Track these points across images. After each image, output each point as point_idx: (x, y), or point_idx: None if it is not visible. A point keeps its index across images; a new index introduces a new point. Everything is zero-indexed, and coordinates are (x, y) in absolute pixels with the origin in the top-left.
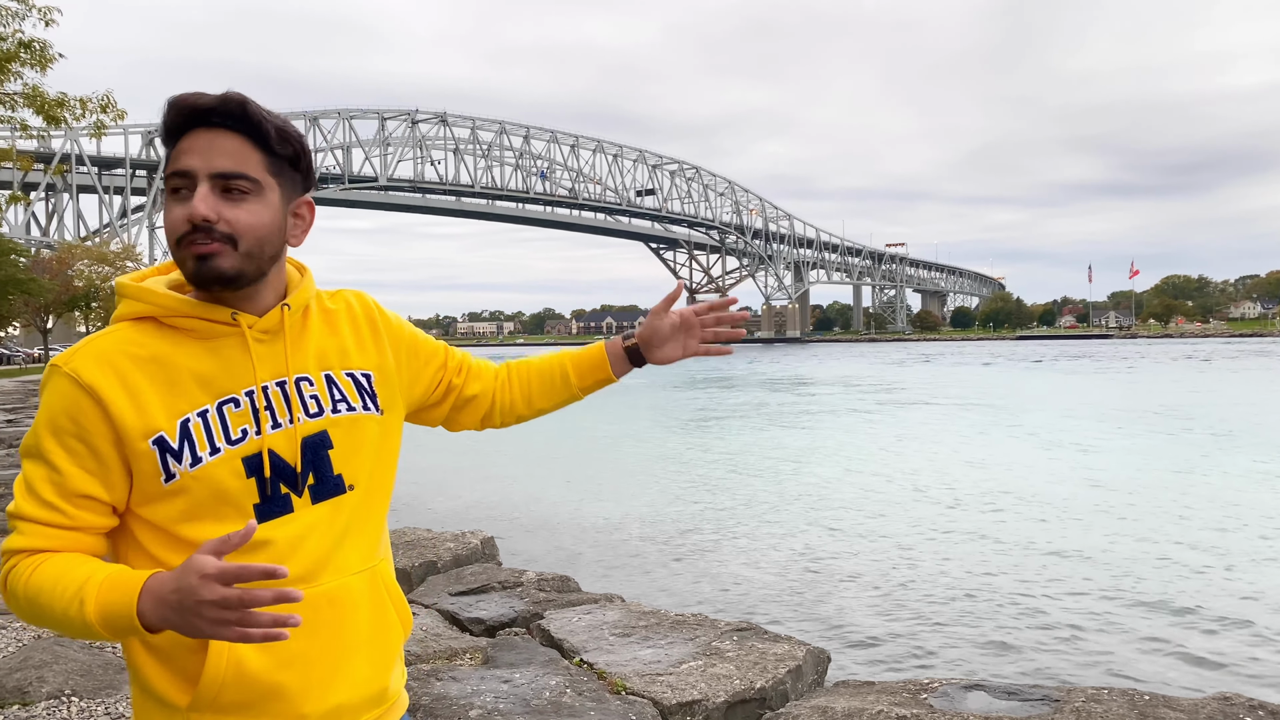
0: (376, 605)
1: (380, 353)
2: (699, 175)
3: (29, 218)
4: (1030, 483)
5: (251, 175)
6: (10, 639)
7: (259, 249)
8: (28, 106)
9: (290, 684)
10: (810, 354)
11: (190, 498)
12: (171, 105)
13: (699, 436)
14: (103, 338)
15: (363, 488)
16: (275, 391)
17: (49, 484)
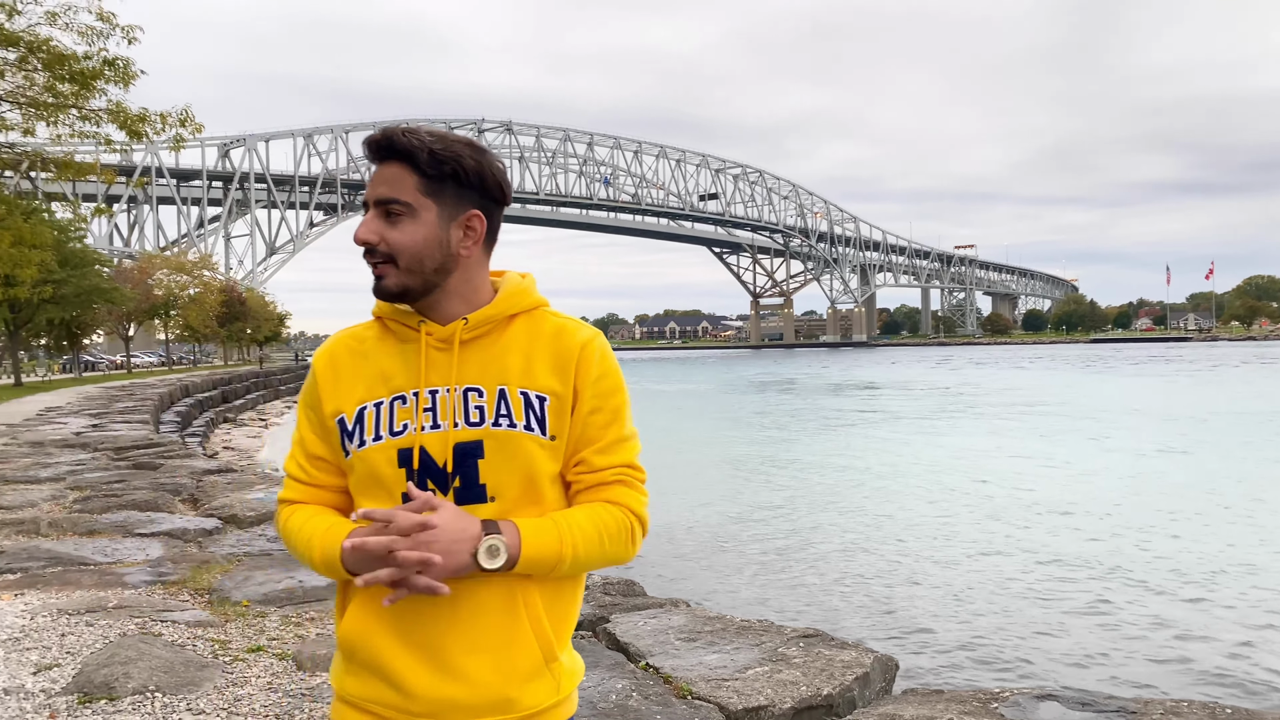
0: (510, 618)
1: (564, 385)
2: (762, 179)
3: (112, 229)
4: (1104, 489)
5: (403, 199)
6: (98, 635)
7: (418, 264)
8: (111, 122)
9: (406, 664)
10: (877, 358)
11: (356, 475)
12: (365, 143)
13: (763, 441)
14: (343, 331)
15: (506, 501)
16: (443, 396)
17: (298, 446)
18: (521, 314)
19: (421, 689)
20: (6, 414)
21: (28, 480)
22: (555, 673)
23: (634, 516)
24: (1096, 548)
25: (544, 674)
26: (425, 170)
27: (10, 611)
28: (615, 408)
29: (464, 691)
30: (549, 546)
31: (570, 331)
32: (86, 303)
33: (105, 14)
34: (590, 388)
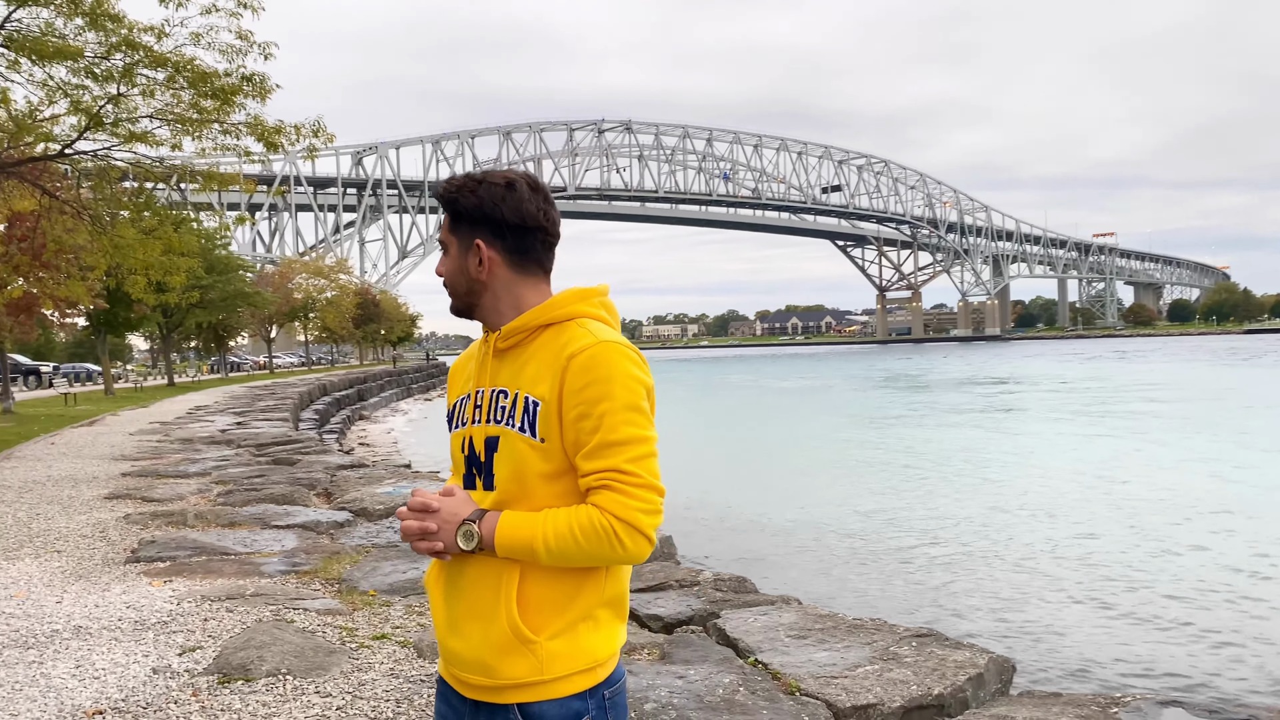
0: (493, 595)
1: (551, 392)
2: (888, 169)
3: (254, 236)
4: (1240, 491)
5: (441, 239)
6: (236, 621)
7: (454, 289)
8: (250, 134)
9: (440, 619)
10: (1011, 352)
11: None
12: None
13: (884, 437)
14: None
15: (503, 493)
16: (485, 395)
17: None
18: (553, 325)
19: (444, 635)
20: (160, 413)
21: (177, 475)
22: (536, 653)
23: (613, 519)
24: (1233, 549)
25: (520, 652)
26: (453, 209)
27: (160, 597)
28: (601, 414)
29: (461, 647)
30: (521, 537)
31: (568, 342)
32: (232, 306)
33: (244, 33)
34: (573, 396)
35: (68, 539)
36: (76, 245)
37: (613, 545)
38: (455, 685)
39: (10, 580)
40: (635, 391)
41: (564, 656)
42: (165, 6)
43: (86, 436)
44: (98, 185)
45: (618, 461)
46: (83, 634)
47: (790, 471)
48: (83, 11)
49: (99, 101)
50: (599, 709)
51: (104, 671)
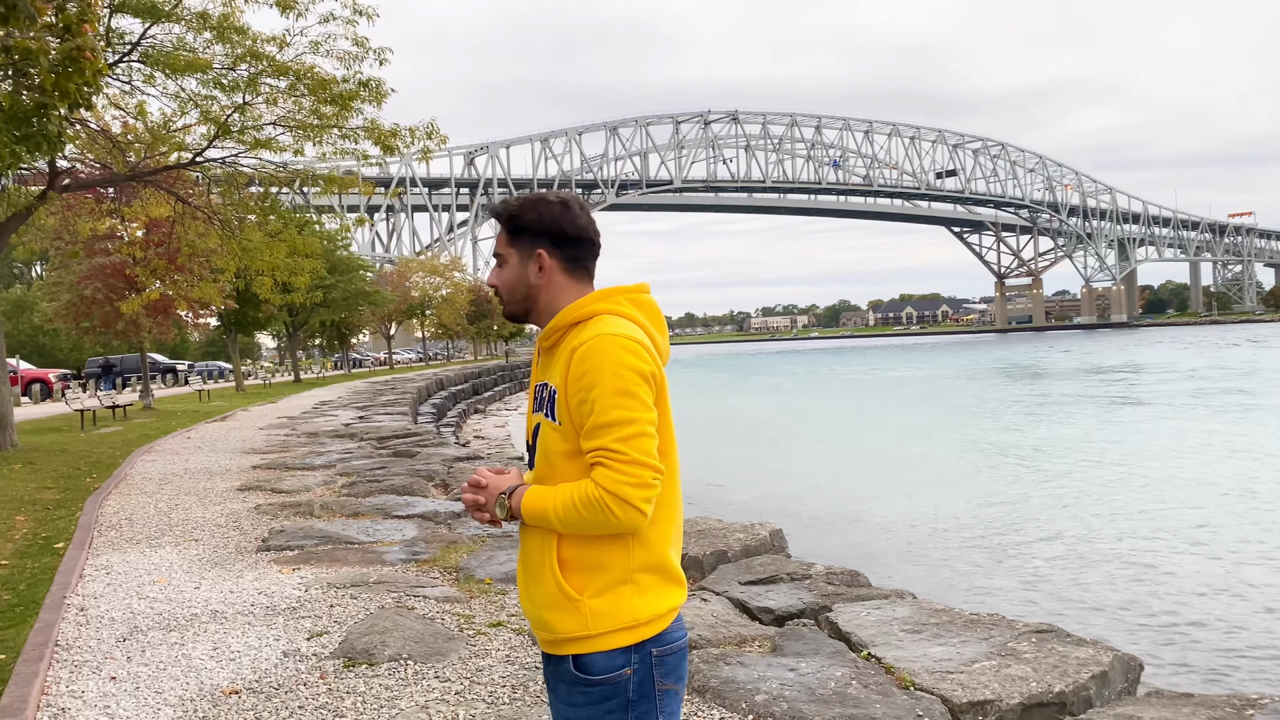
0: (539, 560)
1: (563, 380)
2: (1005, 152)
3: (373, 236)
4: None
5: (499, 251)
6: (360, 608)
7: (510, 296)
8: (367, 139)
9: (519, 584)
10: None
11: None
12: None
13: (999, 429)
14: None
15: (537, 471)
16: (538, 388)
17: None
18: (579, 323)
19: (520, 599)
20: (287, 408)
21: (304, 467)
22: (580, 611)
23: (604, 492)
24: None
25: (567, 608)
26: (507, 226)
27: (289, 584)
28: (593, 399)
29: (527, 606)
30: (539, 507)
31: (575, 336)
32: (353, 305)
33: (360, 39)
34: (574, 384)
35: (204, 528)
36: (208, 249)
37: (607, 515)
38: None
39: (153, 566)
40: (625, 378)
41: (606, 615)
42: (286, 17)
43: (219, 431)
44: (226, 191)
45: (607, 441)
46: (219, 618)
47: (901, 464)
48: (211, 25)
49: (226, 111)
50: (643, 664)
51: (239, 654)
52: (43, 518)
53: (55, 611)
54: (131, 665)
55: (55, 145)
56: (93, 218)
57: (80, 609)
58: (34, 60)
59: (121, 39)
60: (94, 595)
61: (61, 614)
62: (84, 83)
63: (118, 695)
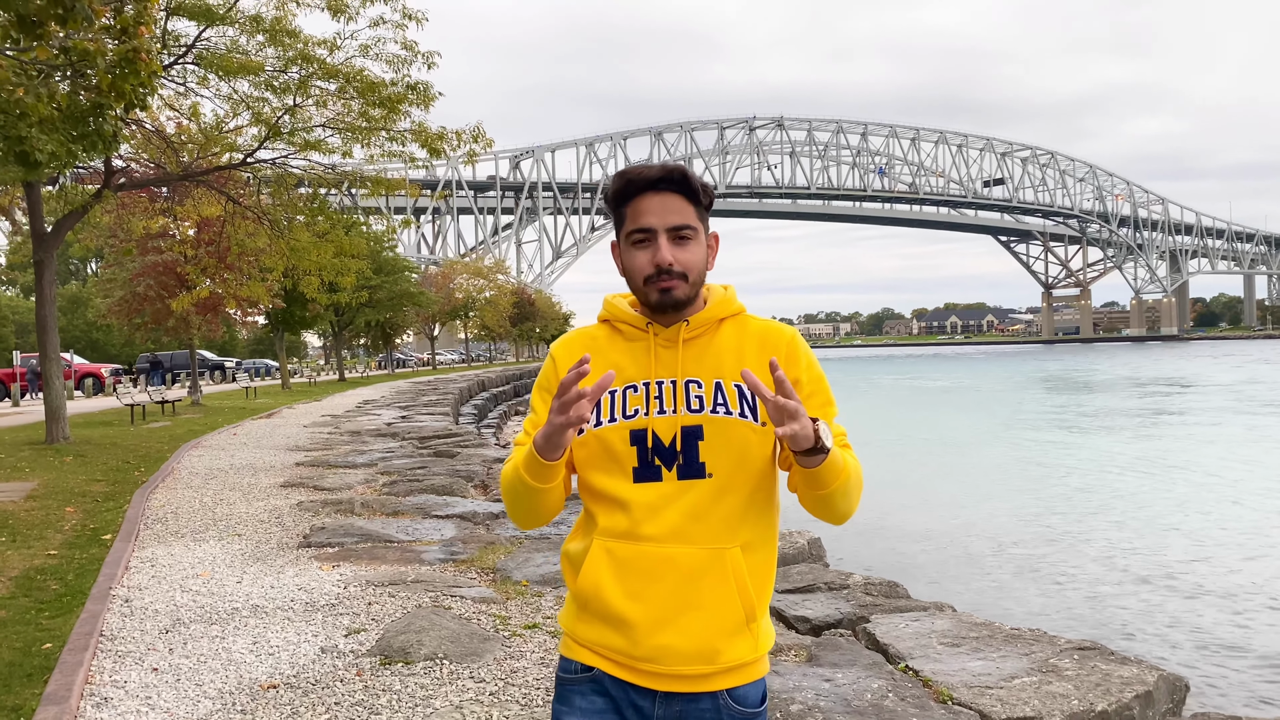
0: (720, 581)
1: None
2: (1054, 161)
3: (419, 238)
4: None
5: (692, 224)
6: (397, 606)
7: (700, 279)
8: (415, 141)
9: (632, 614)
10: (1190, 353)
11: (589, 450)
12: (627, 178)
13: (1043, 442)
14: (577, 330)
15: (721, 478)
16: (668, 387)
17: (530, 423)
18: (729, 318)
19: (645, 636)
20: (331, 406)
21: (346, 465)
22: (754, 632)
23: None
24: None
25: (744, 632)
26: (702, 201)
27: (329, 580)
28: (826, 389)
29: (679, 640)
30: (841, 460)
31: (776, 331)
32: (398, 306)
33: (409, 43)
34: (805, 373)
35: (247, 523)
36: (257, 248)
37: (859, 497)
38: (645, 681)
39: (197, 560)
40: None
41: (767, 634)
42: (337, 20)
43: (265, 428)
44: (276, 191)
45: (844, 429)
46: (259, 612)
47: (941, 475)
48: (264, 29)
49: (277, 113)
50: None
51: (278, 648)
52: (92, 509)
53: (101, 602)
54: (173, 657)
55: (111, 145)
56: (146, 216)
57: (125, 600)
58: (91, 61)
59: (177, 41)
60: (139, 587)
61: (107, 605)
62: (139, 84)
63: (159, 686)
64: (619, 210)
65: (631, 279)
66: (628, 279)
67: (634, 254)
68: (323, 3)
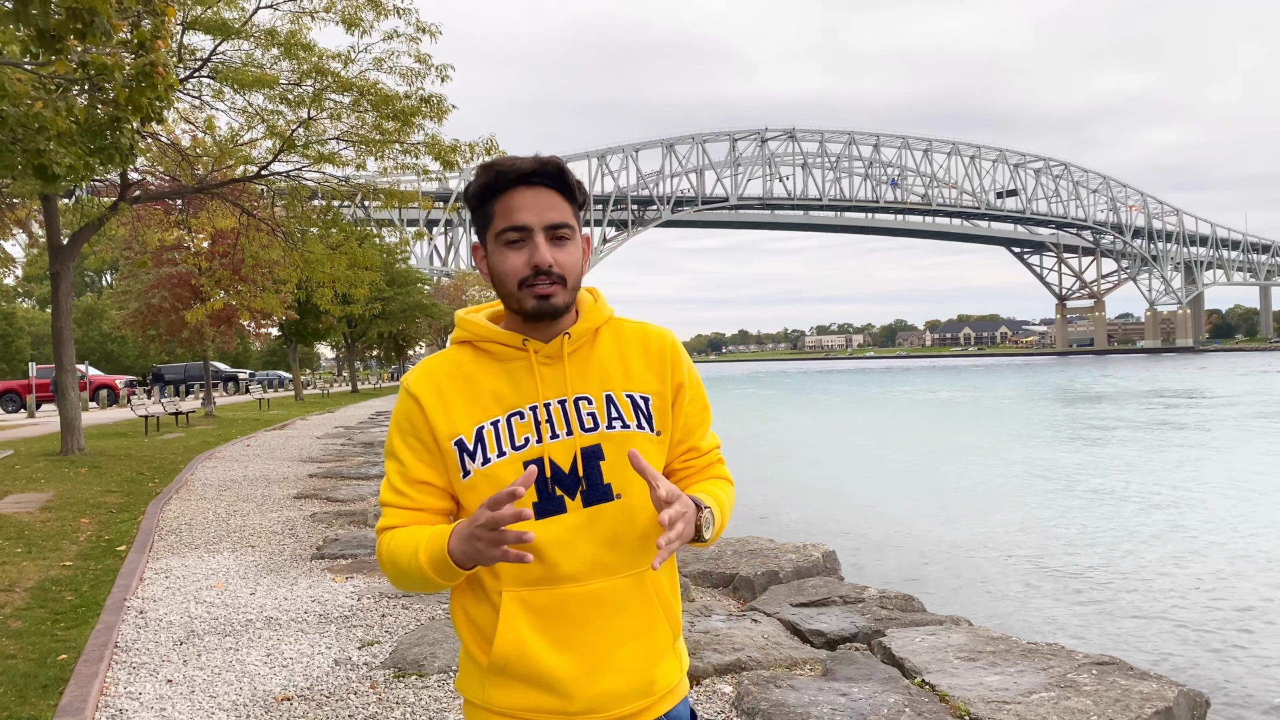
0: (645, 606)
1: (661, 383)
2: (1068, 172)
3: (431, 250)
4: None
5: (570, 223)
6: (411, 619)
7: (577, 284)
8: (428, 154)
9: (563, 668)
10: (1206, 364)
11: (480, 492)
12: (496, 170)
13: (1058, 453)
14: (433, 358)
15: (630, 497)
16: (556, 408)
17: (398, 475)
18: (603, 325)
19: (580, 688)
20: (344, 418)
21: (359, 477)
22: (678, 651)
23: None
24: None
25: (671, 653)
26: (578, 199)
27: (342, 592)
28: (705, 394)
29: (618, 682)
30: (725, 515)
31: (655, 334)
32: (410, 317)
33: (423, 56)
34: (687, 378)
35: (260, 535)
36: (271, 260)
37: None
38: None
39: (211, 571)
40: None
41: (683, 650)
42: (351, 34)
43: (278, 439)
44: (290, 204)
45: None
46: (273, 624)
47: (955, 487)
48: (279, 42)
49: (292, 126)
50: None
51: (291, 660)
52: (106, 521)
53: (116, 613)
54: (187, 669)
55: (127, 158)
56: (161, 228)
57: (140, 612)
58: (109, 75)
59: (193, 55)
60: (153, 598)
61: (121, 616)
62: (156, 97)
63: (173, 698)
64: (485, 207)
65: (502, 283)
66: (497, 284)
67: (506, 255)
68: (337, 16)
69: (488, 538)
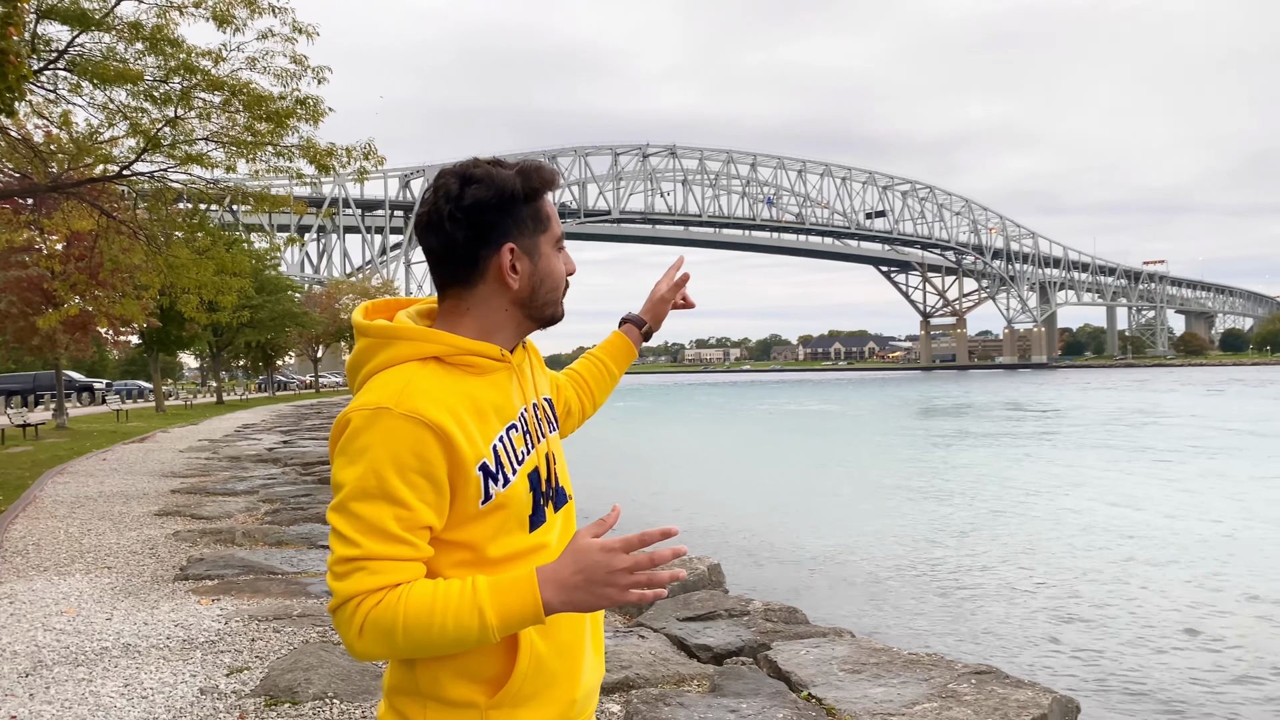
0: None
1: (552, 388)
2: (933, 194)
3: (303, 257)
4: None
5: (561, 235)
6: (283, 643)
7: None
8: (303, 157)
9: (562, 671)
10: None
11: (501, 515)
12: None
13: (929, 465)
14: (420, 379)
15: (571, 502)
16: (530, 414)
17: (395, 520)
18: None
19: (576, 690)
20: (209, 430)
21: (225, 493)
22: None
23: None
24: None
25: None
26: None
27: (208, 616)
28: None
29: (594, 677)
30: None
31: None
32: (280, 326)
33: (298, 57)
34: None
35: (118, 555)
36: (132, 264)
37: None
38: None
39: (61, 596)
40: None
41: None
42: (223, 31)
43: (137, 453)
44: (153, 206)
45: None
46: (131, 652)
47: (832, 498)
48: (143, 36)
49: (157, 124)
50: None
51: (152, 691)
52: None
53: None
54: (34, 703)
55: None
56: (9, 229)
57: None
58: None
59: (48, 45)
60: None
61: None
62: (6, 88)
63: None
64: (534, 205)
65: (550, 288)
66: (544, 288)
67: (557, 259)
68: (208, 12)
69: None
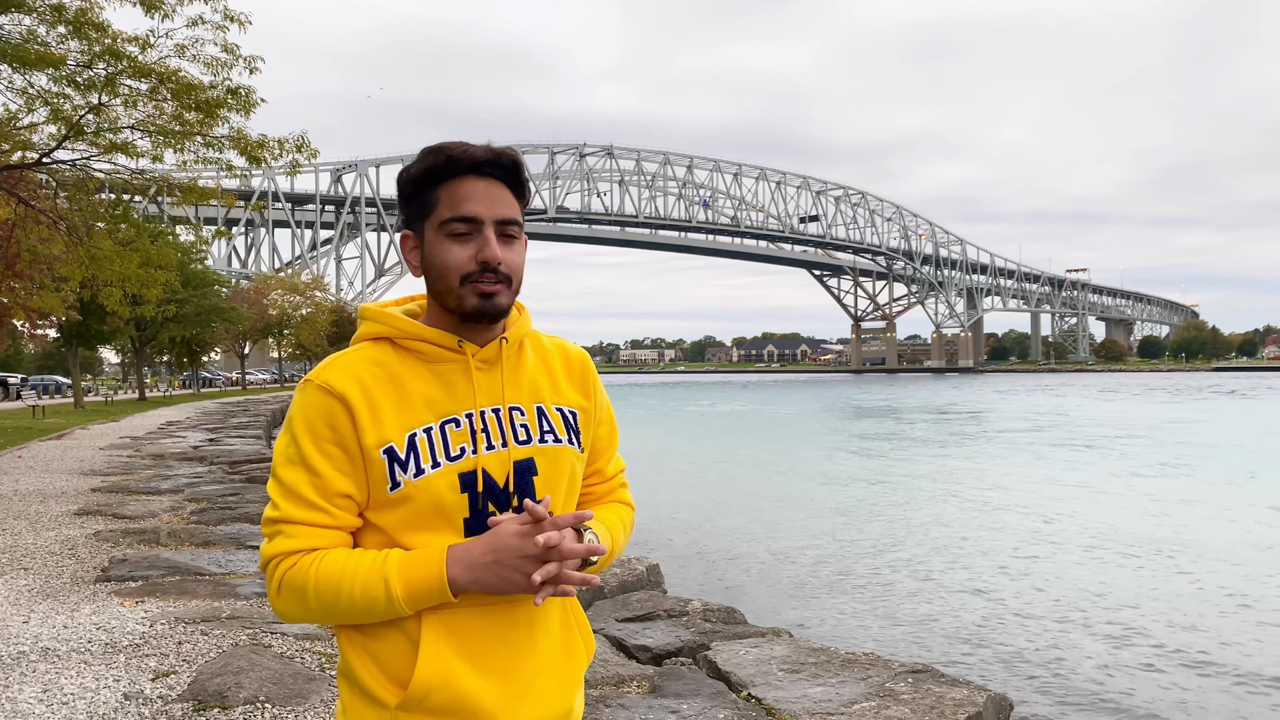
0: (566, 629)
1: (587, 400)
2: (865, 200)
3: (230, 251)
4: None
5: (519, 222)
6: (211, 645)
7: (519, 287)
8: (233, 148)
9: (488, 695)
10: (984, 384)
11: (411, 507)
12: (449, 154)
13: (864, 468)
14: (349, 355)
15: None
16: (491, 417)
17: (311, 487)
18: (526, 335)
19: (506, 715)
20: (131, 427)
21: (149, 491)
22: (582, 678)
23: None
24: (1220, 589)
25: (580, 679)
26: (524, 199)
27: (131, 618)
28: (614, 418)
29: (541, 710)
30: (615, 543)
31: (573, 350)
32: (206, 321)
33: (230, 46)
34: (601, 399)
35: (35, 556)
36: (51, 255)
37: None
38: None
39: None
40: None
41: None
42: (151, 17)
43: (55, 450)
44: (75, 195)
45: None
46: (50, 656)
47: (769, 499)
48: (66, 20)
49: (79, 111)
50: None
51: (73, 697)
52: None
53: None
54: None
55: None
56: None
57: None
58: None
59: None
60: None
61: None
62: None
63: None
64: (426, 192)
65: (441, 278)
66: (434, 278)
67: (449, 247)
68: None
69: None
